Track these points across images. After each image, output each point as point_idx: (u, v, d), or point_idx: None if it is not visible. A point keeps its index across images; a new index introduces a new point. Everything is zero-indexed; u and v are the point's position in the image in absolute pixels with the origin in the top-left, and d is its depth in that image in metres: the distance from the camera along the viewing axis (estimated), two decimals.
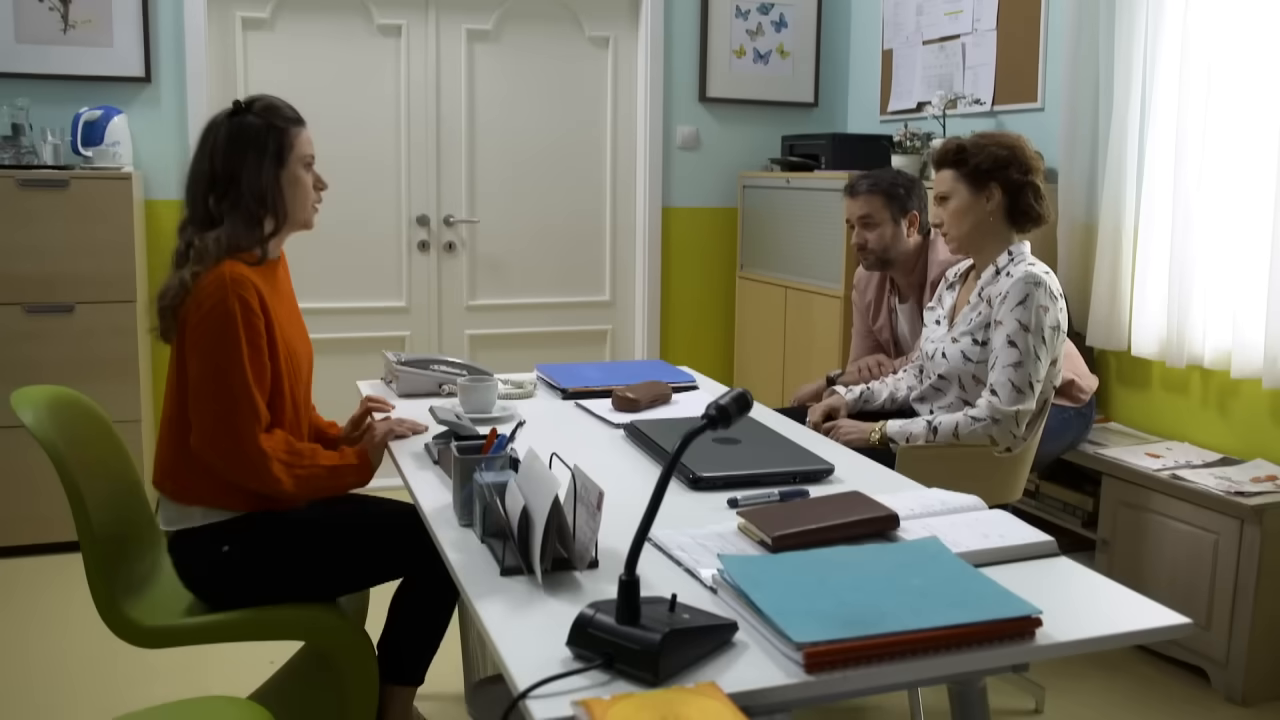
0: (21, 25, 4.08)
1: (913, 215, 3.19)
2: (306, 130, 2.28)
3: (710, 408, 1.48)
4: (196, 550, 2.13)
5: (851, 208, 3.23)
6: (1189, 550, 3.00)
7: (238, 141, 2.16)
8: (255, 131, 2.17)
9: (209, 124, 2.22)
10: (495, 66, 4.79)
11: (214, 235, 2.12)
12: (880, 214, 3.17)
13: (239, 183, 2.15)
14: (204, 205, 2.16)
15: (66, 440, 2.09)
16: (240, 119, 2.18)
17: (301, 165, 2.24)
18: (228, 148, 2.16)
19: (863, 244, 3.21)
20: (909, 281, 3.25)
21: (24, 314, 3.77)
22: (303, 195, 2.25)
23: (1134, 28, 3.43)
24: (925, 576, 1.49)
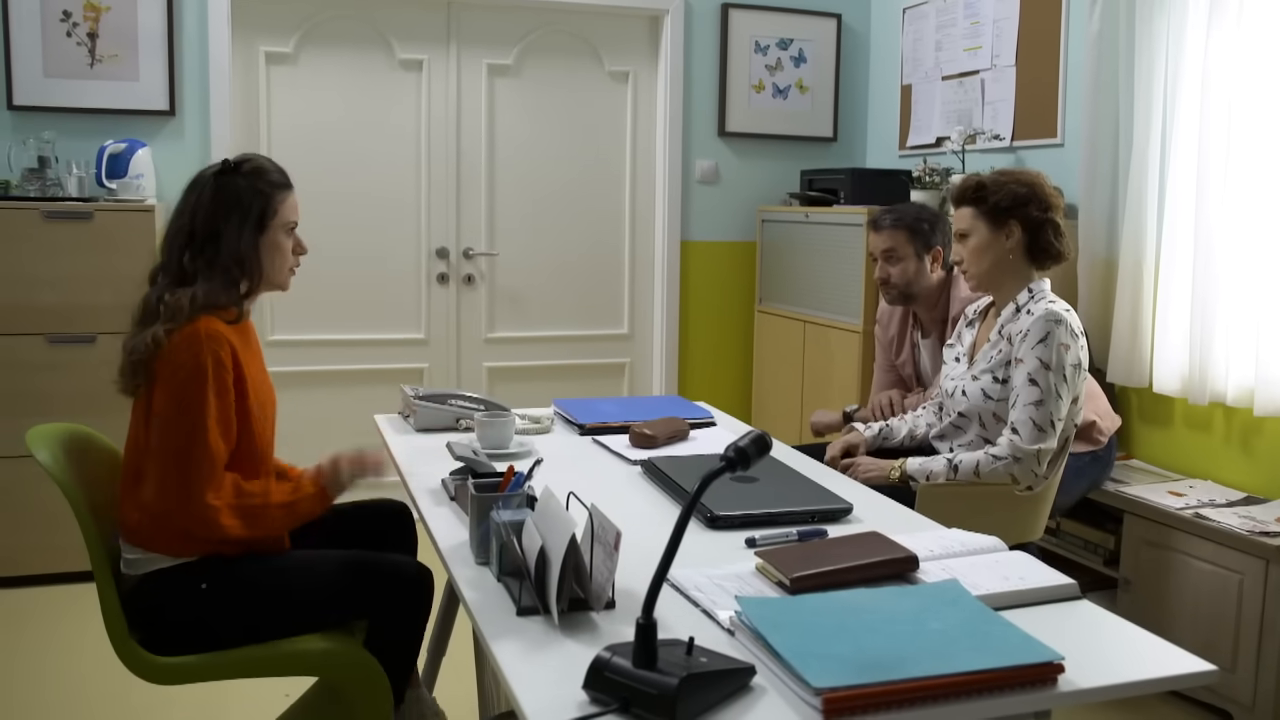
0: (50, 60, 4.13)
1: (936, 251, 3.19)
2: (293, 195, 2.28)
3: (729, 450, 1.47)
4: (171, 590, 2.09)
5: (875, 242, 3.22)
6: (1212, 590, 2.96)
7: (221, 202, 2.17)
8: (240, 194, 2.18)
9: (195, 180, 2.23)
10: (515, 101, 4.82)
11: (189, 293, 2.11)
12: (904, 249, 3.17)
13: (218, 242, 2.15)
14: (179, 260, 2.16)
15: (81, 478, 2.11)
16: (227, 179, 2.19)
17: (283, 231, 2.24)
18: (211, 206, 2.17)
19: (885, 278, 3.20)
20: (931, 317, 3.24)
21: (46, 344, 3.80)
22: (280, 260, 2.25)
23: (1154, 63, 3.43)
24: (945, 620, 1.48)
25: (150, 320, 2.13)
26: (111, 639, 2.08)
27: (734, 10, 4.95)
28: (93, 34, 4.17)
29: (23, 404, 3.77)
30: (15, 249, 3.73)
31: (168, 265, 2.19)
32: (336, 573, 2.17)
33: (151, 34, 4.22)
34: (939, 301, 3.21)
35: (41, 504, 3.75)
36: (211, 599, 2.09)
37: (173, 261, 2.17)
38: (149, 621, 2.12)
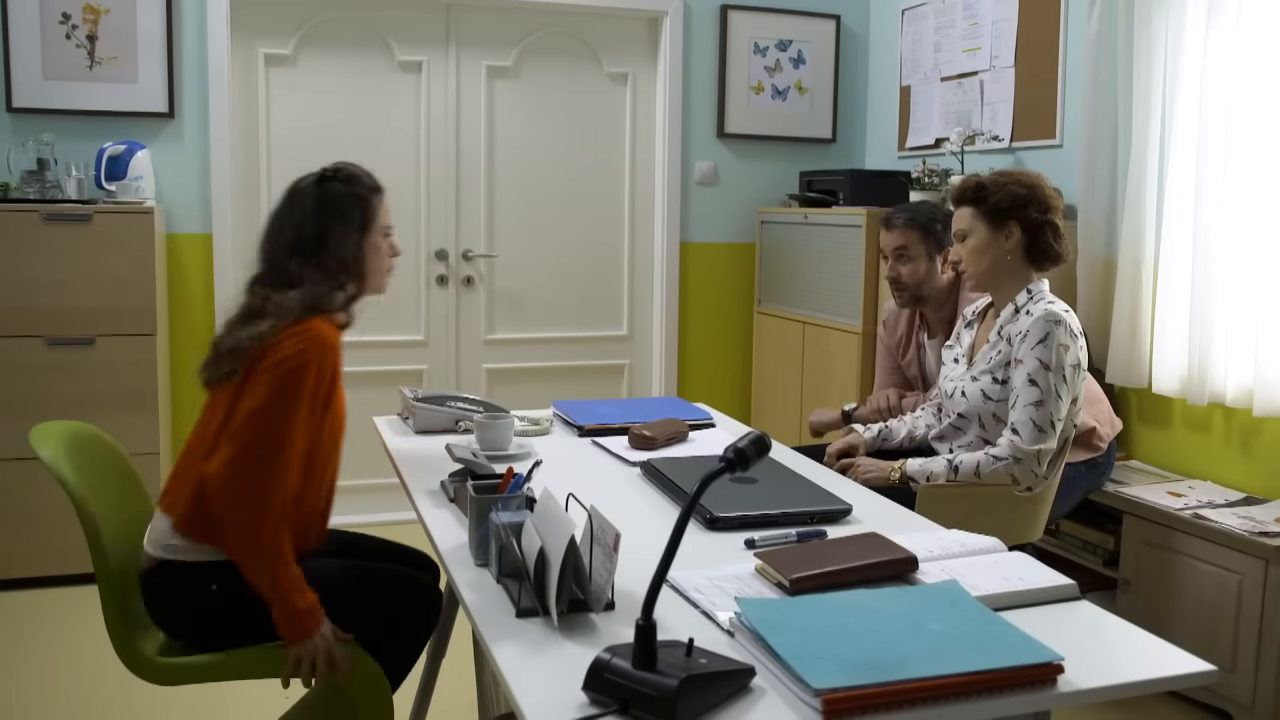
0: (49, 62, 4.13)
1: (947, 252, 3.10)
2: (386, 199, 2.34)
3: (728, 451, 1.47)
4: (185, 583, 2.10)
5: (887, 239, 3.19)
6: (1212, 591, 2.96)
7: (325, 209, 2.22)
8: (341, 200, 2.24)
9: (294, 189, 2.27)
10: (515, 102, 4.82)
11: (294, 294, 2.13)
12: (916, 248, 3.14)
13: (325, 247, 2.20)
14: (285, 266, 2.19)
15: (83, 477, 2.10)
16: (326, 186, 2.25)
17: (380, 234, 2.30)
18: (316, 213, 2.22)
19: (896, 277, 3.17)
20: (939, 317, 3.22)
21: (45, 346, 3.80)
22: (380, 263, 2.32)
23: (1153, 64, 3.43)
24: (945, 621, 1.48)
25: (250, 319, 2.14)
26: (113, 639, 2.07)
27: (733, 12, 4.96)
28: (92, 36, 4.17)
29: (22, 406, 3.77)
30: (14, 251, 3.74)
31: (271, 270, 2.21)
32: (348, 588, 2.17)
33: (150, 36, 4.23)
34: (947, 302, 3.19)
35: (42, 506, 3.76)
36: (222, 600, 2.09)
37: (278, 266, 2.20)
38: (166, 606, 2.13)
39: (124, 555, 2.15)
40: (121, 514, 2.22)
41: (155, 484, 3.93)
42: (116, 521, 2.18)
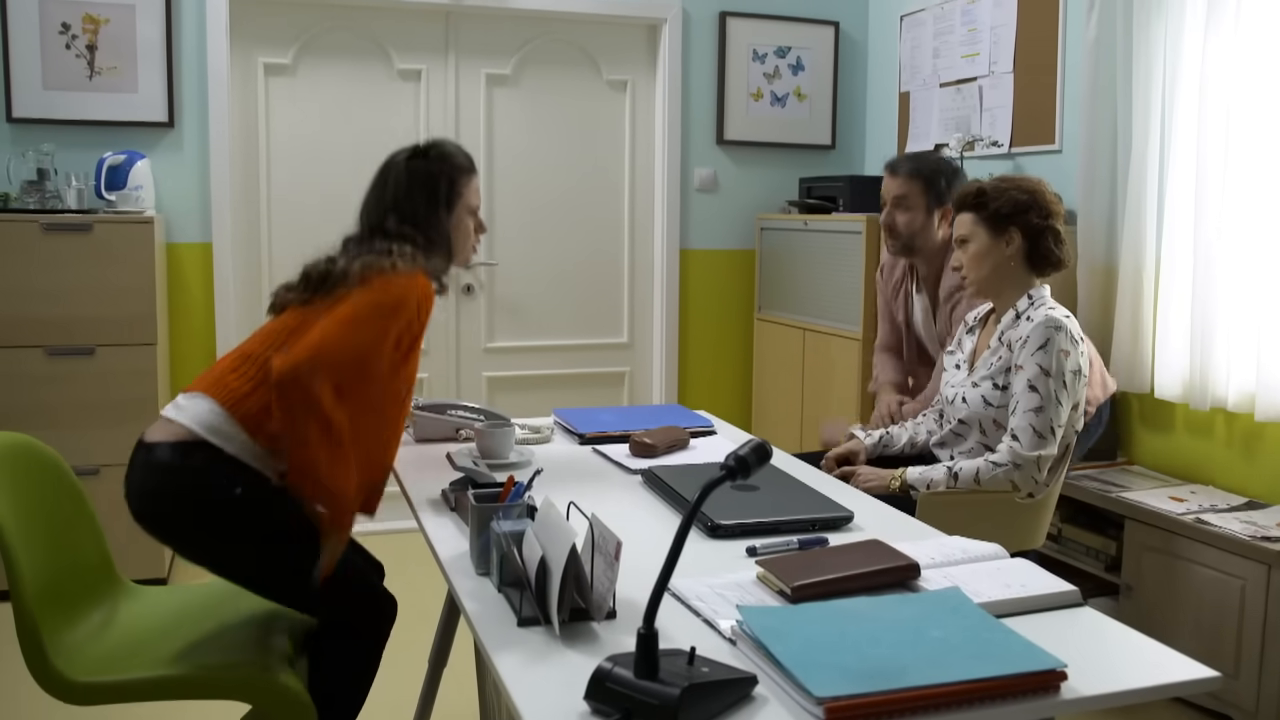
0: (49, 72, 4.13)
1: (946, 209, 3.10)
2: (476, 179, 2.42)
3: (729, 458, 1.46)
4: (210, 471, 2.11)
5: (889, 186, 3.16)
6: (1215, 596, 2.96)
7: (414, 184, 2.33)
8: (430, 177, 2.35)
9: (387, 163, 2.39)
10: (514, 110, 4.83)
11: (411, 251, 2.24)
12: (916, 199, 3.12)
13: (417, 221, 2.31)
14: (398, 227, 2.29)
15: (8, 488, 2.04)
16: (417, 163, 2.36)
17: (467, 211, 2.39)
18: (407, 188, 2.33)
19: (891, 224, 3.15)
20: (928, 272, 3.19)
21: (45, 356, 3.80)
22: (464, 239, 2.41)
23: (1151, 69, 3.44)
24: (947, 628, 1.47)
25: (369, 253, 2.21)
26: (28, 661, 1.99)
27: (732, 19, 4.96)
28: (91, 46, 4.18)
29: (22, 416, 3.77)
30: (14, 261, 3.74)
31: (376, 232, 2.29)
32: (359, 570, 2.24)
33: (150, 46, 4.23)
34: (936, 260, 3.16)
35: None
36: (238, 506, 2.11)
37: (390, 227, 2.29)
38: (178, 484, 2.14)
39: (50, 570, 2.08)
40: (52, 529, 2.16)
41: None
42: (44, 536, 2.11)
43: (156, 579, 3.94)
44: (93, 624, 2.21)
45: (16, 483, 2.12)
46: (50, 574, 2.12)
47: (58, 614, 2.12)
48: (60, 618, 2.12)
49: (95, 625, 2.21)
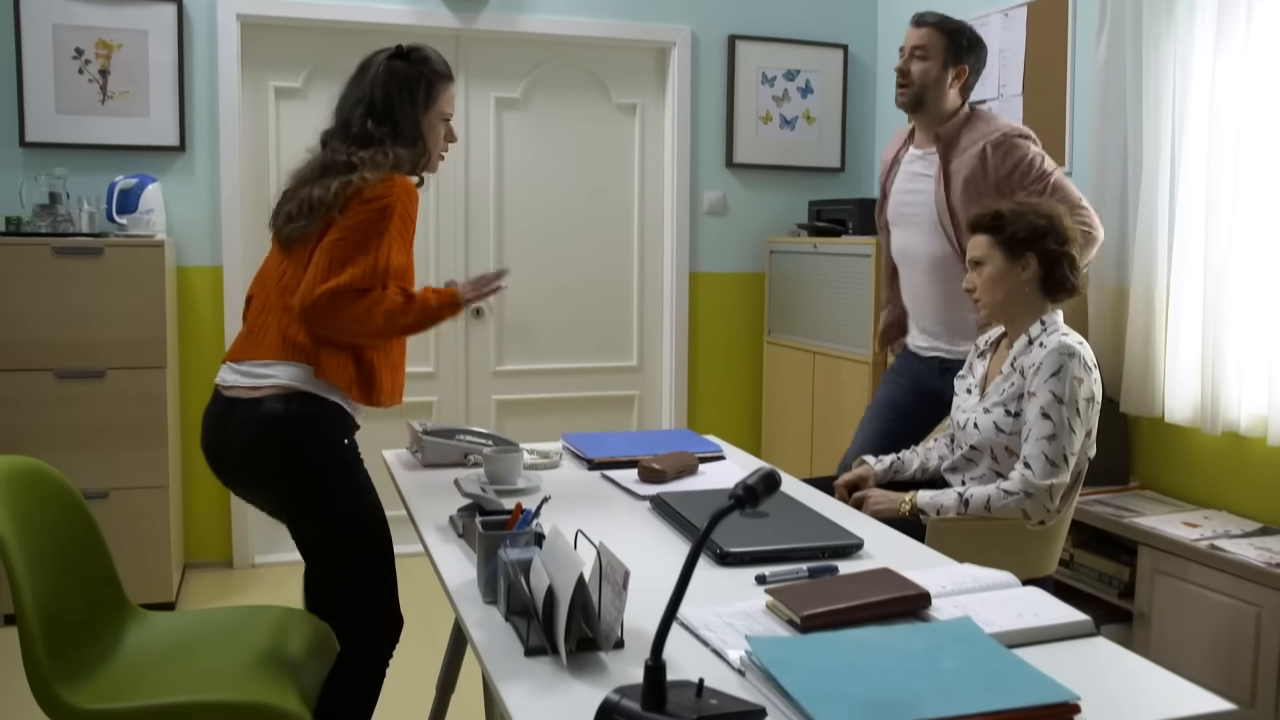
0: (62, 97, 4.16)
1: (961, 69, 3.10)
2: (452, 87, 2.56)
3: (738, 487, 1.45)
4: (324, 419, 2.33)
5: (911, 36, 3.14)
6: (1230, 623, 2.93)
7: (394, 82, 2.46)
8: (409, 78, 2.47)
9: (366, 62, 2.52)
10: (523, 134, 4.84)
11: (385, 151, 2.39)
12: (934, 52, 3.09)
13: (394, 117, 2.44)
14: (363, 126, 2.42)
15: (15, 513, 2.04)
16: (398, 63, 2.49)
17: (440, 118, 2.51)
18: (385, 85, 2.46)
19: (905, 70, 3.11)
20: (927, 135, 3.16)
21: (55, 379, 3.81)
22: (435, 141, 2.53)
23: (1161, 90, 3.43)
24: (958, 659, 1.46)
25: (337, 172, 2.36)
26: (33, 687, 1.97)
27: (741, 42, 4.97)
28: (104, 71, 4.21)
29: (32, 439, 3.78)
30: (26, 285, 3.75)
31: (346, 129, 2.44)
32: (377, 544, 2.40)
33: (162, 70, 4.26)
34: (943, 122, 3.12)
35: None
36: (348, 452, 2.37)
37: (354, 126, 2.42)
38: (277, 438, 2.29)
39: (57, 597, 2.08)
40: (61, 555, 2.16)
41: (164, 516, 3.93)
42: (54, 562, 2.11)
43: (165, 603, 3.94)
44: (99, 650, 2.20)
45: (25, 507, 2.12)
46: (57, 599, 2.11)
47: (63, 639, 2.11)
48: (66, 643, 2.11)
49: (101, 651, 2.21)
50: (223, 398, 2.36)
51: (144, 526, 3.92)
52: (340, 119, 2.47)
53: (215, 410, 2.38)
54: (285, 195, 2.48)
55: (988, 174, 3.02)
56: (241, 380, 2.33)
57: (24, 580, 1.99)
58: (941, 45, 3.10)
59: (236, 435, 2.31)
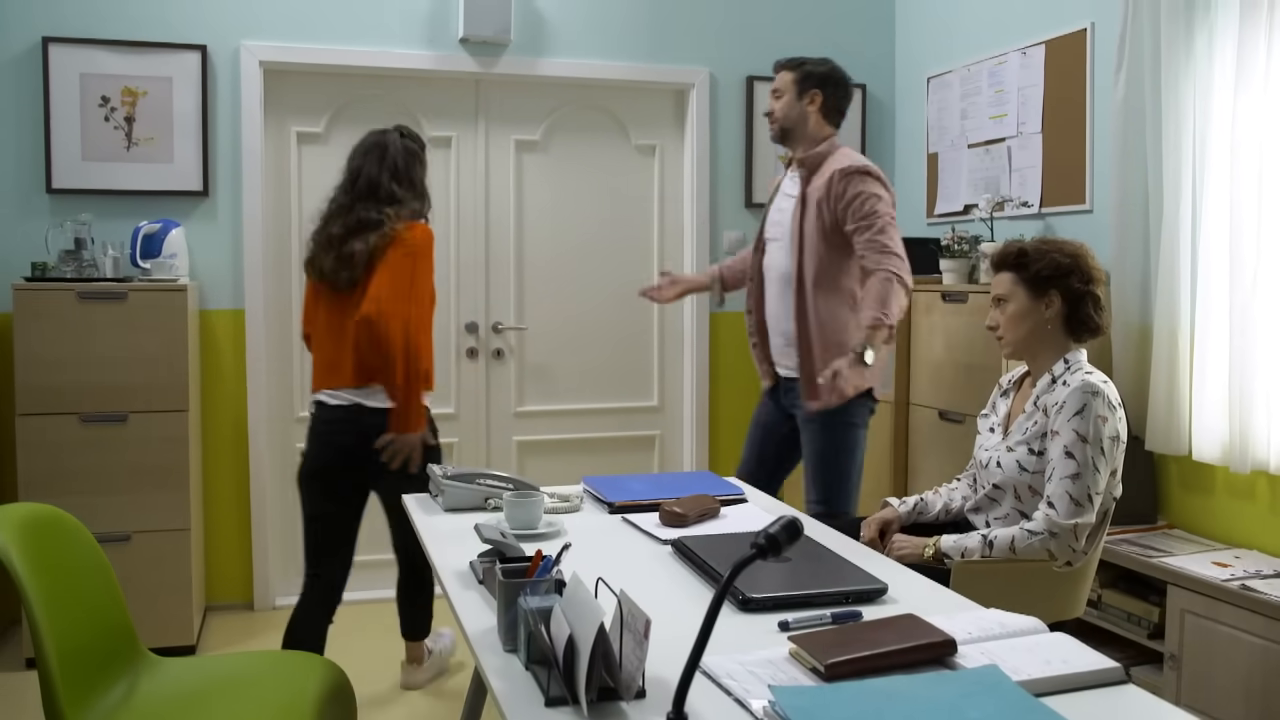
0: (88, 144, 4.21)
1: (814, 94, 3.43)
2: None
3: (760, 536, 1.44)
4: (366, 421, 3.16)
5: (774, 82, 3.53)
6: (1264, 665, 2.87)
7: (410, 156, 3.29)
8: (415, 151, 3.32)
9: (380, 139, 3.28)
10: (543, 176, 4.87)
11: (403, 209, 3.19)
12: (786, 87, 3.46)
13: (414, 181, 3.28)
14: (390, 189, 3.20)
15: (36, 560, 2.05)
16: (408, 142, 3.31)
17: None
18: (405, 159, 3.27)
19: (770, 111, 3.50)
20: (797, 157, 3.48)
21: (79, 423, 3.83)
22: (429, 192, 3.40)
23: (1181, 127, 3.42)
24: (985, 709, 1.43)
25: (370, 227, 3.13)
26: None
27: (759, 83, 4.99)
28: (129, 118, 4.26)
29: (55, 483, 3.79)
30: (50, 330, 3.78)
31: (376, 190, 3.20)
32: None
33: (186, 117, 4.31)
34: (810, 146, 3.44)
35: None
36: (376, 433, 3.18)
37: (383, 189, 3.20)
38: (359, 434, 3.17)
39: (76, 644, 2.08)
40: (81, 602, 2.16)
41: (185, 559, 3.93)
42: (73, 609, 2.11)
43: (186, 646, 3.93)
44: (115, 697, 2.20)
45: (45, 554, 2.13)
46: (74, 646, 2.11)
47: (81, 685, 2.11)
48: (83, 689, 2.11)
49: (117, 698, 2.20)
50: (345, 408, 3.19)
51: (165, 569, 3.92)
52: (368, 184, 3.21)
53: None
54: (321, 243, 3.22)
55: (830, 200, 3.30)
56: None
57: (45, 626, 2.00)
58: (790, 81, 3.46)
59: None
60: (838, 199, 3.28)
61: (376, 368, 3.09)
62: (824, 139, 3.43)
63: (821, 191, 3.31)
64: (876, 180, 3.29)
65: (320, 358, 3.24)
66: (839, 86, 3.47)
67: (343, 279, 3.14)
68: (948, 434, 4.00)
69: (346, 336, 3.14)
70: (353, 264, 3.11)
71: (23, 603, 2.01)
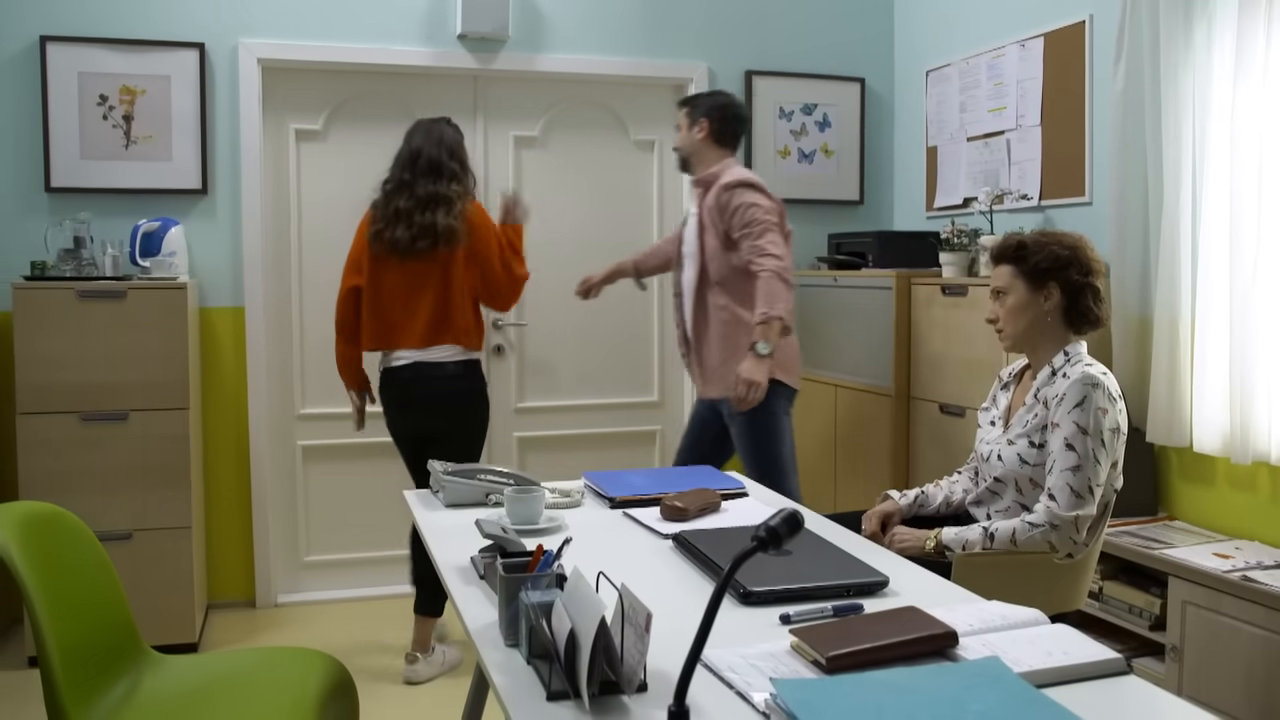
0: (86, 143, 4.21)
1: (702, 123, 3.77)
2: None
3: (760, 529, 1.44)
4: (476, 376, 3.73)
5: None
6: (1265, 656, 2.88)
7: (458, 138, 3.72)
8: (459, 135, 3.74)
9: (435, 126, 3.70)
10: (542, 171, 4.86)
11: (463, 184, 3.65)
12: (681, 120, 3.83)
13: (464, 161, 3.70)
14: (450, 167, 3.63)
15: (38, 559, 2.05)
16: (453, 129, 3.72)
17: None
18: (456, 143, 3.70)
19: (676, 146, 3.87)
20: (694, 180, 3.83)
21: (80, 422, 3.83)
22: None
23: (1181, 118, 3.42)
24: (987, 701, 1.43)
25: (442, 201, 3.58)
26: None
27: (757, 77, 4.99)
28: (128, 116, 4.26)
29: (56, 482, 3.80)
30: (50, 328, 3.78)
31: (439, 170, 3.61)
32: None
33: (185, 115, 4.31)
34: (705, 170, 3.77)
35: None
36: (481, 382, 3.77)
37: (445, 169, 3.62)
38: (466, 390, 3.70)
39: (77, 641, 2.08)
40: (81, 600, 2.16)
41: (187, 557, 3.93)
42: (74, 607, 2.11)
43: (188, 643, 3.94)
44: (117, 695, 2.20)
45: (47, 552, 2.13)
46: (76, 644, 2.12)
47: (84, 683, 2.11)
48: (85, 687, 2.11)
49: (120, 696, 2.21)
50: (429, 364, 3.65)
51: (167, 567, 3.92)
52: (429, 163, 3.61)
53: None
54: (390, 217, 3.59)
55: (718, 212, 3.64)
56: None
57: (47, 624, 2.00)
58: (683, 115, 3.83)
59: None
60: (722, 210, 3.62)
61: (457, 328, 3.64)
62: (717, 161, 3.75)
63: (711, 205, 3.65)
64: (755, 190, 3.61)
65: (386, 319, 3.64)
66: (724, 112, 3.78)
67: (422, 246, 3.53)
68: (948, 427, 4.00)
69: (419, 301, 3.59)
70: (434, 233, 3.52)
71: (24, 601, 2.01)
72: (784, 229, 3.66)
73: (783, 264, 3.49)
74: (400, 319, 3.60)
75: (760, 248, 3.50)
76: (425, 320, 3.58)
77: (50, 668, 1.99)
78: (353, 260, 3.71)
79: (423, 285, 3.59)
